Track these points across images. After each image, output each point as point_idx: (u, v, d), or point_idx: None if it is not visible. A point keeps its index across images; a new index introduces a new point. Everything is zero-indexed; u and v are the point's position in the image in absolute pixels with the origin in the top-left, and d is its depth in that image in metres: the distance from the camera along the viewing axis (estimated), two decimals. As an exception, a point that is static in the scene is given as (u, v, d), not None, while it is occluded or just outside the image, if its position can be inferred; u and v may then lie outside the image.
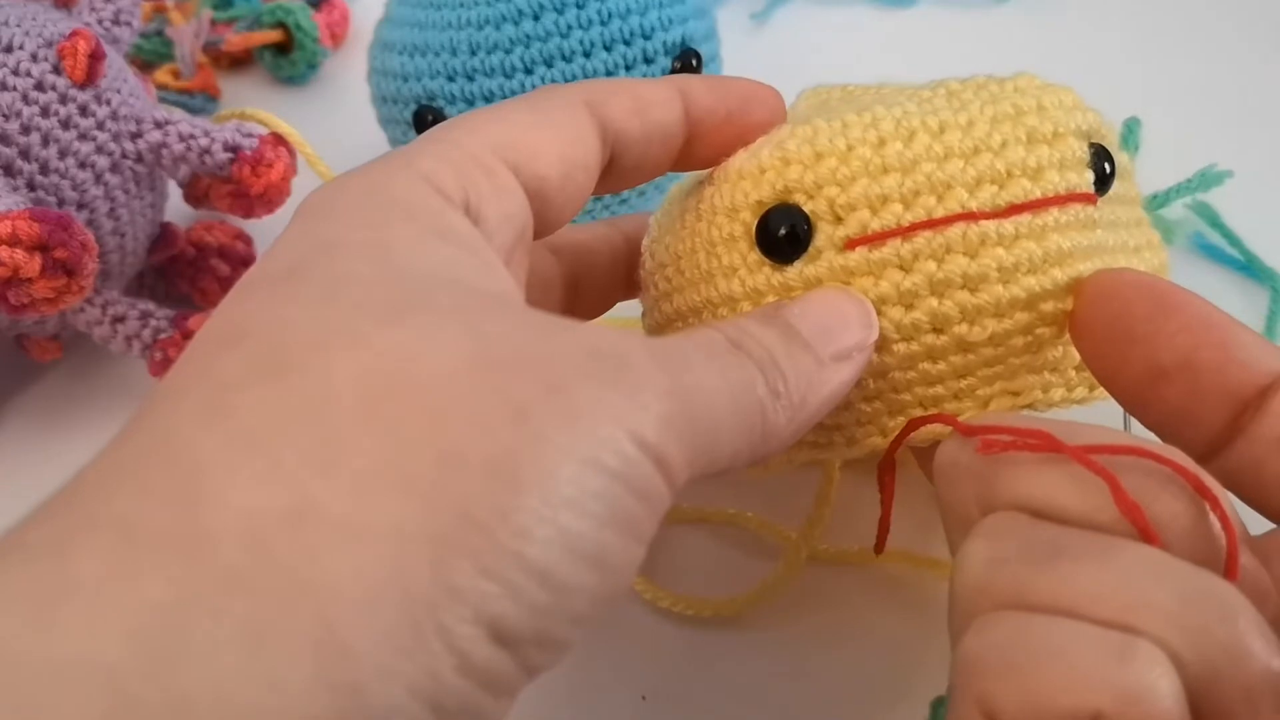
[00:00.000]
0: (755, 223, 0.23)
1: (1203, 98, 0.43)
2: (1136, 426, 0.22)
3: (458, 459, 0.16)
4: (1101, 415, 0.23)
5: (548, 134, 0.22)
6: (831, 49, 0.48)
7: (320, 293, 0.18)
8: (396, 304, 0.17)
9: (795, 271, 0.23)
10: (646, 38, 0.34)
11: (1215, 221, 0.37)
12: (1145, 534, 0.18)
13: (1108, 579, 0.17)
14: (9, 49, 0.31)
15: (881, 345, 0.22)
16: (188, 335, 0.34)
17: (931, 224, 0.22)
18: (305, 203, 0.20)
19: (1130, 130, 0.39)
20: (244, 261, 0.38)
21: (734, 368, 0.20)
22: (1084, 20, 0.48)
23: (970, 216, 0.22)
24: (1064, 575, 0.18)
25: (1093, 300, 0.22)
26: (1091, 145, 0.23)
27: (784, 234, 0.23)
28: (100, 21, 0.35)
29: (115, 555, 0.15)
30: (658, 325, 0.26)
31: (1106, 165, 0.23)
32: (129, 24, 0.36)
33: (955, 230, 0.22)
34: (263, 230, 0.39)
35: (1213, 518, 0.18)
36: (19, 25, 0.32)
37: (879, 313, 0.22)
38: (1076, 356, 0.23)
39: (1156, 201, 0.36)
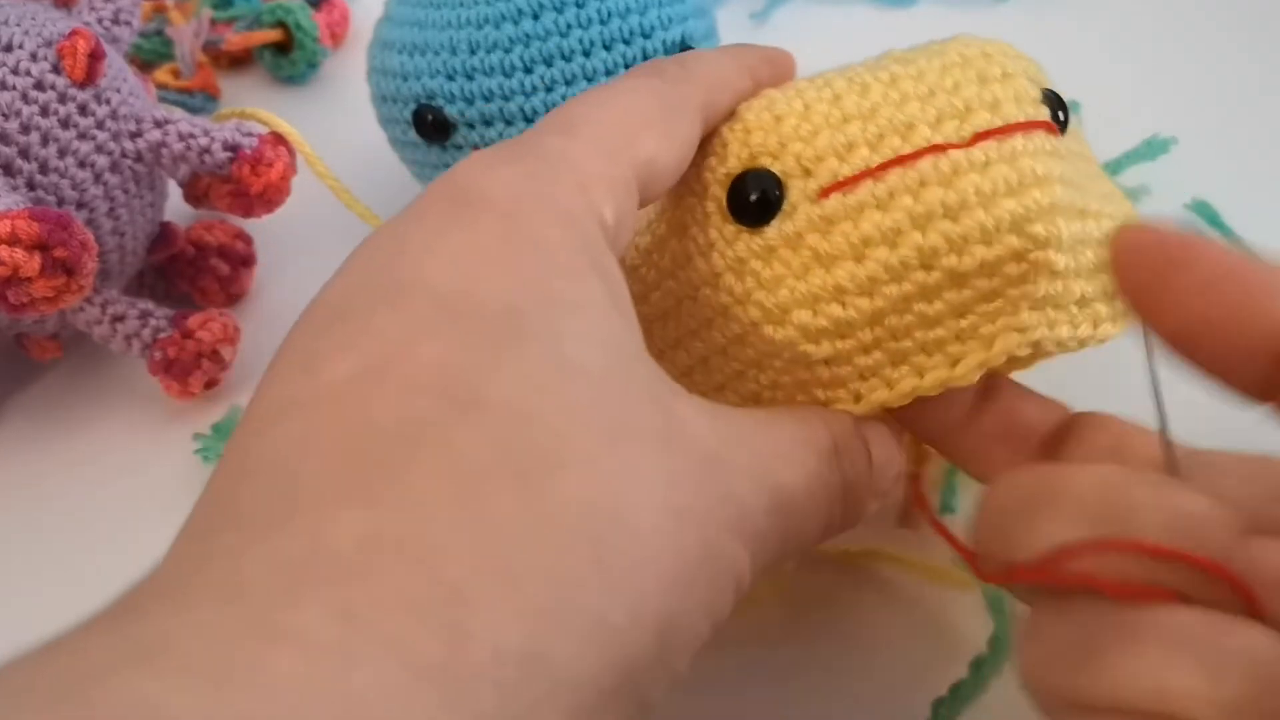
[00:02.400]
0: (726, 195, 0.23)
1: (1203, 97, 0.43)
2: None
3: (645, 616, 0.17)
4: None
5: (674, 152, 0.22)
6: (831, 49, 0.47)
7: (557, 384, 0.17)
8: (616, 422, 0.18)
9: (774, 231, 0.22)
10: (646, 37, 0.34)
11: (1215, 220, 0.37)
12: None
13: None
14: (9, 48, 0.31)
15: (872, 289, 0.22)
16: (187, 334, 0.34)
17: (901, 160, 0.22)
18: (503, 203, 0.19)
19: (1153, 147, 0.39)
20: (243, 261, 0.38)
21: (826, 487, 0.21)
22: (1084, 21, 0.48)
23: (938, 149, 0.22)
24: None
25: (1115, 259, 0.22)
26: (1043, 90, 0.23)
27: (756, 198, 0.23)
28: (100, 21, 0.35)
29: (392, 682, 0.14)
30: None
31: (1060, 112, 0.23)
32: (129, 23, 0.36)
33: (926, 163, 0.22)
34: (262, 229, 0.39)
35: None
36: (18, 24, 0.32)
37: (865, 257, 0.22)
38: (1077, 291, 0.23)
39: (1107, 169, 0.36)
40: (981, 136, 0.22)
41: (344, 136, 0.40)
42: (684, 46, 0.35)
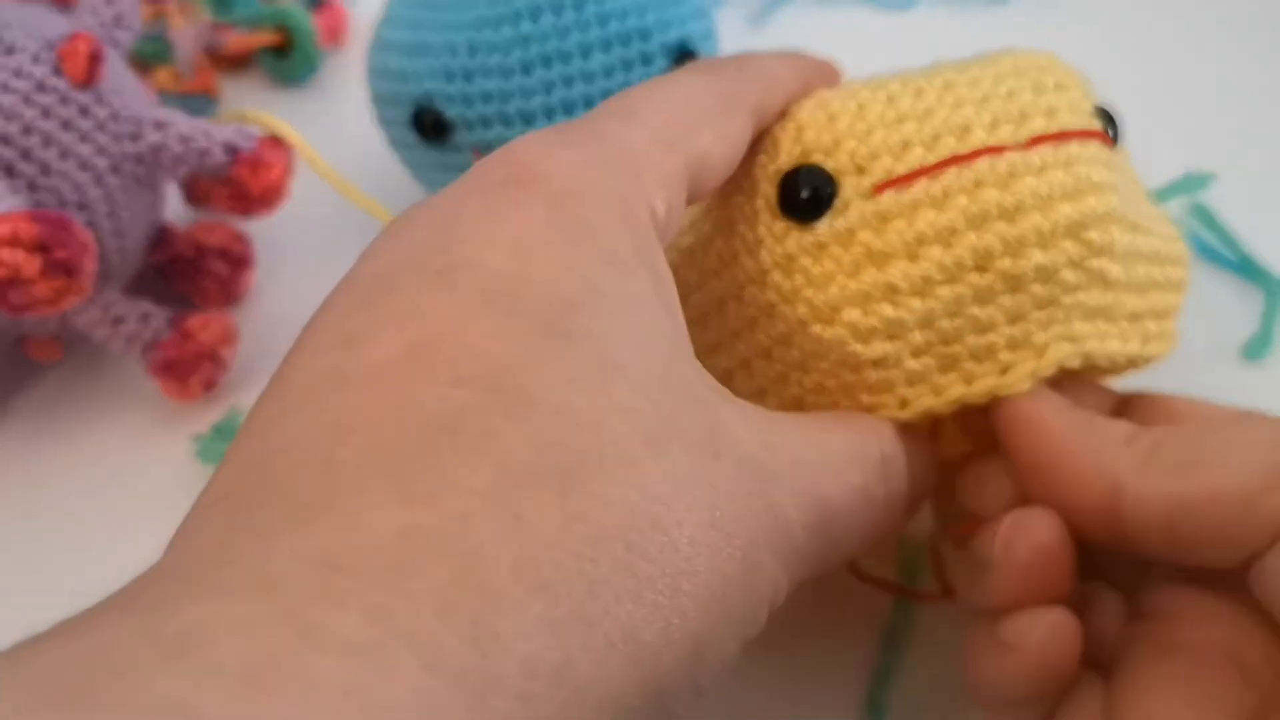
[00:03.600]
0: (776, 191, 0.23)
1: (1203, 98, 0.43)
2: None
3: (680, 636, 0.16)
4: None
5: (727, 150, 0.22)
6: (830, 50, 0.48)
7: (601, 385, 0.17)
8: (660, 428, 0.17)
9: (825, 227, 0.22)
10: (645, 39, 0.34)
11: (1212, 223, 0.37)
12: None
13: None
14: (10, 51, 0.32)
15: (925, 290, 0.22)
16: (186, 336, 0.34)
17: (957, 159, 0.22)
18: (533, 158, 0.19)
19: (1191, 181, 0.38)
20: (243, 262, 0.38)
21: (869, 502, 0.21)
22: (1084, 22, 0.48)
23: (995, 150, 0.22)
24: None
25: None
26: (1095, 105, 0.23)
27: (808, 194, 0.22)
28: (101, 24, 0.35)
29: (423, 689, 0.14)
30: None
31: (1111, 128, 0.23)
32: (130, 27, 0.36)
33: (983, 163, 0.21)
34: (262, 231, 0.39)
35: None
36: (20, 27, 0.32)
37: (919, 255, 0.22)
38: (1129, 305, 0.23)
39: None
40: (1038, 141, 0.22)
41: (343, 138, 0.40)
42: (683, 48, 0.35)
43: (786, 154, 0.23)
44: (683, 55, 0.35)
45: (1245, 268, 0.36)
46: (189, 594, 0.14)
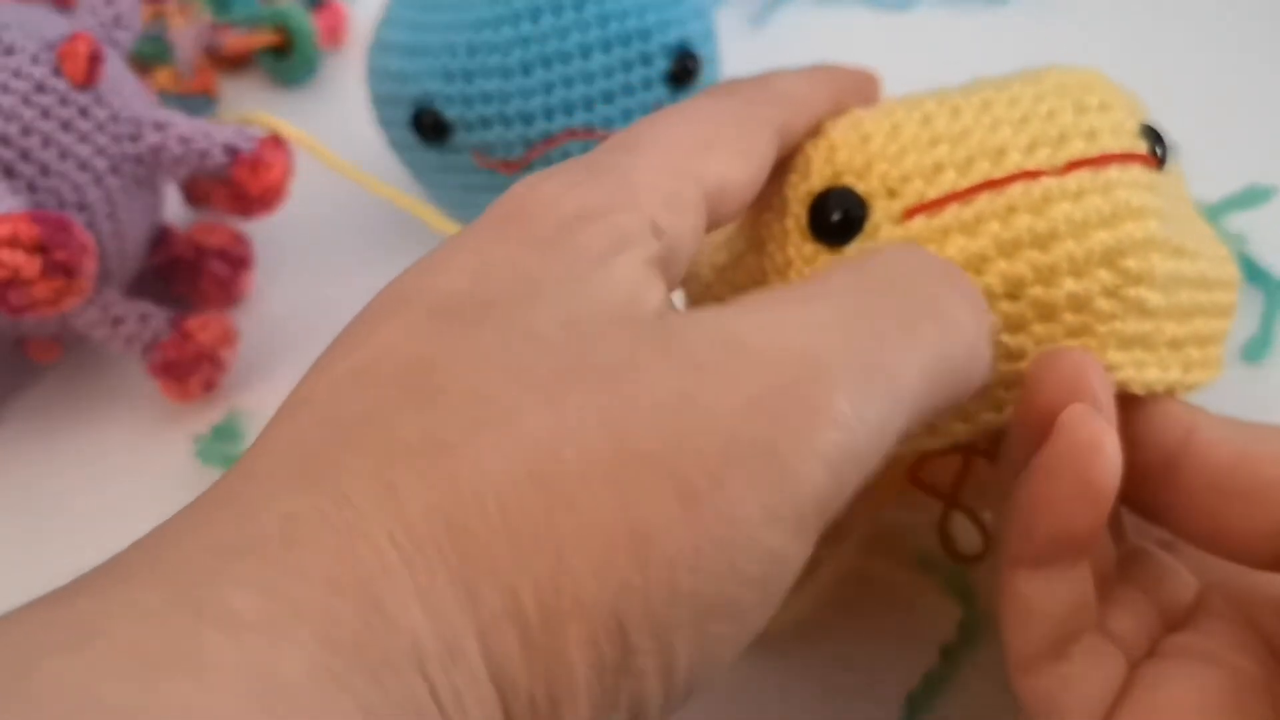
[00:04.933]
0: (807, 212, 0.22)
1: (1204, 100, 0.43)
2: None
3: (574, 605, 0.15)
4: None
5: (747, 170, 0.22)
6: (830, 51, 0.48)
7: (503, 353, 0.17)
8: (558, 371, 0.17)
9: (855, 251, 0.22)
10: (645, 39, 0.34)
11: (1211, 224, 0.37)
12: None
13: None
14: (9, 51, 0.32)
15: None
16: (186, 336, 0.34)
17: (991, 184, 0.21)
18: (534, 196, 0.19)
19: (1253, 195, 0.38)
20: (242, 263, 0.38)
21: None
22: (1084, 23, 0.48)
23: (1030, 175, 0.21)
24: None
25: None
26: (1141, 124, 0.22)
27: (838, 217, 0.22)
28: (101, 24, 0.35)
29: (318, 664, 0.14)
30: None
31: (1159, 148, 0.22)
32: (129, 27, 0.36)
33: (1016, 189, 0.21)
34: (261, 232, 0.39)
35: None
36: (19, 28, 0.32)
37: None
38: (1169, 332, 0.22)
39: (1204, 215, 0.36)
40: (1075, 165, 0.21)
41: (343, 138, 0.40)
42: (682, 49, 0.35)
43: (818, 174, 0.22)
44: (682, 55, 0.35)
45: (1245, 269, 0.36)
46: (87, 587, 0.15)
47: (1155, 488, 0.22)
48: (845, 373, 0.17)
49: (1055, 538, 0.20)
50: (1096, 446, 0.19)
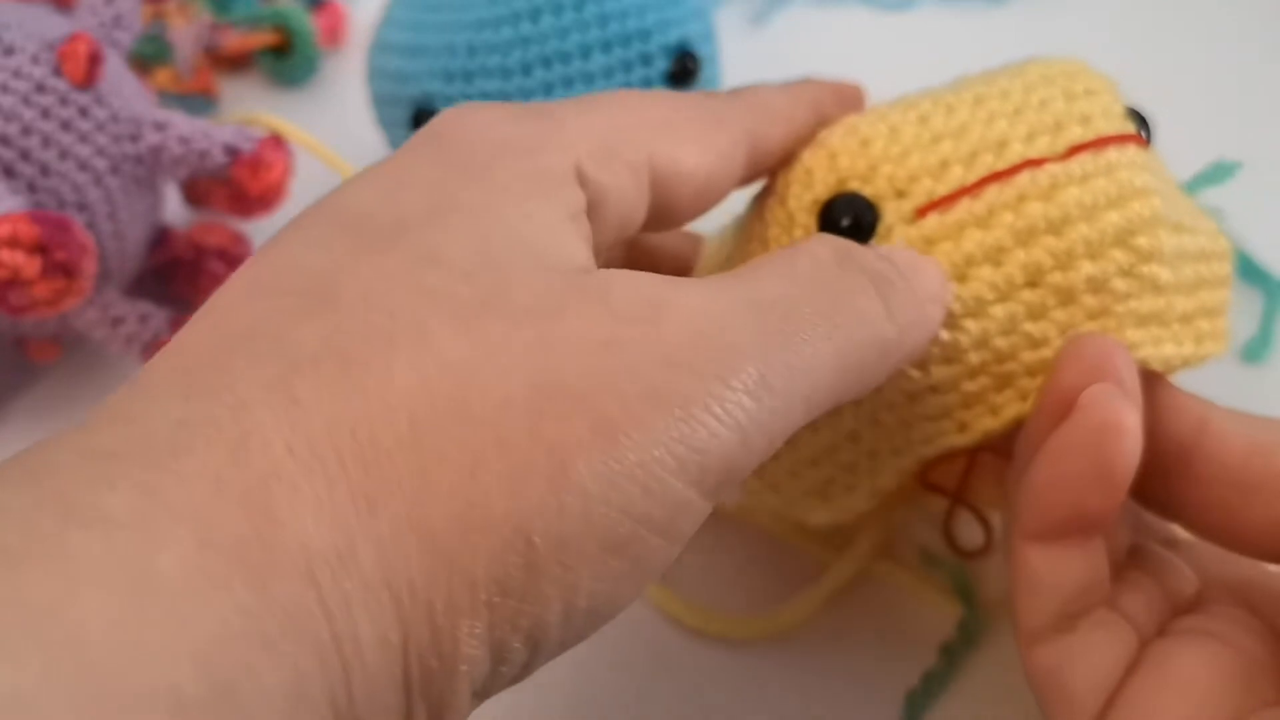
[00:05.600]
0: (816, 222, 0.22)
1: (1203, 98, 0.43)
2: None
3: (484, 520, 0.15)
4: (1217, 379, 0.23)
5: (706, 160, 0.22)
6: (830, 51, 0.48)
7: (411, 274, 0.17)
8: (474, 302, 0.17)
9: None
10: (644, 40, 0.34)
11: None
12: None
13: None
14: (9, 52, 0.32)
15: (978, 310, 0.21)
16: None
17: (997, 176, 0.21)
18: (462, 121, 0.20)
19: (1221, 170, 0.38)
20: (242, 263, 0.38)
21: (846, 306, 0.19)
22: (1083, 23, 0.48)
23: (1034, 163, 0.21)
24: None
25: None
26: (1125, 106, 0.23)
27: (849, 222, 0.22)
28: (101, 24, 0.35)
29: (194, 563, 0.14)
30: None
31: (1144, 130, 0.23)
32: (129, 27, 0.36)
33: (1023, 177, 0.21)
34: (262, 231, 0.39)
35: None
36: (19, 28, 0.32)
37: (968, 276, 0.21)
38: (1179, 307, 0.22)
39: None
40: (1076, 150, 0.22)
41: (343, 138, 0.40)
42: (682, 49, 0.35)
43: (822, 182, 0.22)
44: (682, 56, 0.35)
45: (1244, 269, 0.36)
46: None
47: (1168, 481, 0.22)
48: (759, 349, 0.18)
49: (1068, 515, 0.20)
50: (1117, 427, 0.20)
